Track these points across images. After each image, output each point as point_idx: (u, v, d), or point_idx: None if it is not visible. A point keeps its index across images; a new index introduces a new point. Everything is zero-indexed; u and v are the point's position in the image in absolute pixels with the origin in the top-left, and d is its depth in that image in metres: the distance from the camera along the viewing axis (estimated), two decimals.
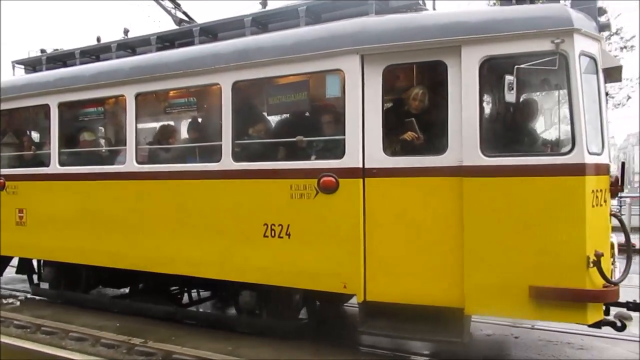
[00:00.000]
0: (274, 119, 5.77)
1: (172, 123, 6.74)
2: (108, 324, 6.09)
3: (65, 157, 6.81)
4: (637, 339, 5.26)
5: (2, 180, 7.24)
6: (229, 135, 5.41)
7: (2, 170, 7.33)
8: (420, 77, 4.99)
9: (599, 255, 4.09)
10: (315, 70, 5.04)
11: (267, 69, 5.25)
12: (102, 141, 7.32)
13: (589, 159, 4.19)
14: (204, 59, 5.63)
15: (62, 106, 6.72)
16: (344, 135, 4.85)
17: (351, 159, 4.81)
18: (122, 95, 6.19)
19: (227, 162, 5.43)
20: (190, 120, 6.37)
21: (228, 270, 5.50)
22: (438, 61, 4.59)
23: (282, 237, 5.15)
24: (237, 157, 5.40)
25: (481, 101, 4.42)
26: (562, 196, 4.17)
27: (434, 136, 4.74)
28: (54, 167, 6.75)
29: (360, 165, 4.78)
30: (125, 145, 6.18)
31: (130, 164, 6.07)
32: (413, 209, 4.68)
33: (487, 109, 4.70)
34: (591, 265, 4.10)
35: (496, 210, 4.36)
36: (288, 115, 5.65)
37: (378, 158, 4.77)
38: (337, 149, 4.94)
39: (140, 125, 6.23)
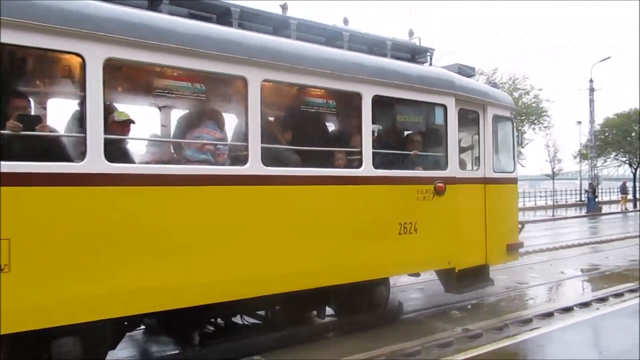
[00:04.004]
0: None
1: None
2: None
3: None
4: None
5: None
6: (369, 144, 5.83)
7: None
8: (468, 119, 7.39)
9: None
10: (430, 100, 6.50)
11: (399, 91, 6.14)
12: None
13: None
14: (347, 65, 5.63)
15: None
16: (446, 153, 6.66)
17: (451, 171, 6.70)
18: (242, 78, 4.87)
19: (368, 169, 5.81)
20: (322, 123, 5.66)
21: (369, 270, 5.85)
22: (476, 112, 7.31)
23: (411, 233, 6.22)
24: (375, 164, 5.88)
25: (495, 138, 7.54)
26: (515, 195, 7.93)
27: (473, 160, 7.37)
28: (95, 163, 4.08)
29: (455, 175, 6.75)
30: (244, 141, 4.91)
31: (254, 165, 4.93)
32: (469, 203, 7.12)
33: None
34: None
35: (496, 201, 7.56)
36: (408, 131, 6.43)
37: (457, 171, 6.88)
38: (440, 163, 6.64)
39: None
